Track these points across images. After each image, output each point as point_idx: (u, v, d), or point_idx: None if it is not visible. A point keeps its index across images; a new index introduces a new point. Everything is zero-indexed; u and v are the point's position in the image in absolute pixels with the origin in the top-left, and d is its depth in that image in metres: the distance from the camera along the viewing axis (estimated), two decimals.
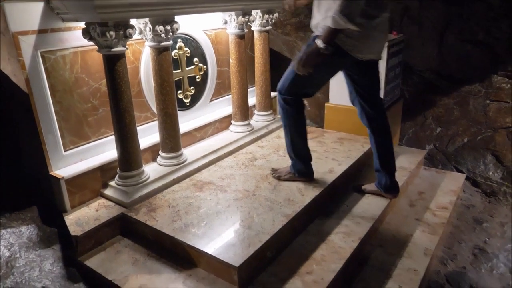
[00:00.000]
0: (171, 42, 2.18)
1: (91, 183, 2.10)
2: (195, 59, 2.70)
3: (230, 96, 2.94)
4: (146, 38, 2.13)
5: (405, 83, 3.58)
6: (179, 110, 2.60)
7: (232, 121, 2.90)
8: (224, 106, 3.02)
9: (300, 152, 2.20)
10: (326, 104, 3.10)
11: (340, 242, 1.93)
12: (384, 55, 2.67)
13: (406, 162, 2.80)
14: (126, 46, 1.93)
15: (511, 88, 3.22)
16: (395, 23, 3.62)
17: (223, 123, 2.91)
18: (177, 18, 2.17)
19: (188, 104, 2.72)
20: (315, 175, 2.31)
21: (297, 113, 2.09)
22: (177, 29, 2.21)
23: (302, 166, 2.22)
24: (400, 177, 2.59)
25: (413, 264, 1.97)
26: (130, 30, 1.91)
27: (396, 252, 2.06)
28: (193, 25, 2.64)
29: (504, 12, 3.29)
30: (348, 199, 2.32)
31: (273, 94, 3.13)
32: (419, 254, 2.04)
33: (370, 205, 2.27)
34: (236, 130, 2.86)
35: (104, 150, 2.23)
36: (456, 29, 3.47)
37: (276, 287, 1.63)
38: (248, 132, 2.84)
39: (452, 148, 3.23)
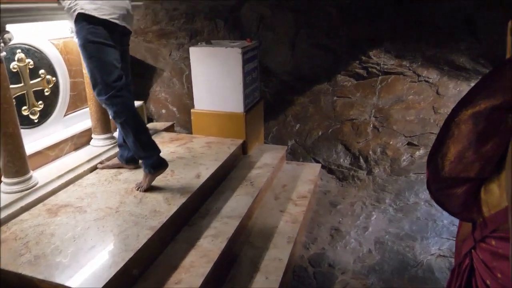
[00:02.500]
0: (4, 53, 1.94)
1: None
2: (41, 71, 2.46)
3: (88, 108, 2.75)
4: None
5: (266, 85, 3.84)
6: (25, 129, 2.34)
7: (92, 135, 2.72)
8: (82, 120, 2.81)
9: (149, 142, 2.13)
10: (192, 110, 3.14)
11: (209, 245, 1.98)
12: (240, 61, 2.84)
13: (270, 158, 3.02)
14: None
15: (352, 85, 3.73)
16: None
17: (83, 138, 2.71)
18: (12, 27, 1.96)
19: (36, 120, 2.45)
20: (183, 182, 2.32)
21: (128, 101, 2.06)
22: (10, 40, 1.98)
23: (155, 157, 2.14)
24: (265, 173, 2.79)
25: (278, 253, 2.13)
26: None
27: (263, 245, 2.20)
28: (35, 34, 2.40)
29: (341, 21, 3.80)
30: (218, 200, 2.40)
31: (136, 103, 3.03)
32: (283, 243, 2.22)
33: (238, 203, 2.38)
34: (97, 144, 2.69)
35: None
36: (305, 35, 3.87)
37: None
38: (111, 145, 2.70)
39: (310, 142, 3.60)
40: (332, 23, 3.81)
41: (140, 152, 2.13)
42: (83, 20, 1.95)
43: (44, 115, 2.52)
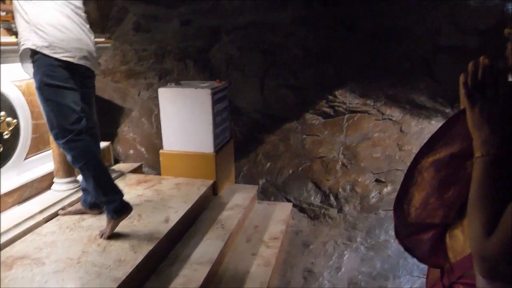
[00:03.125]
0: None
1: None
2: (1, 113, 2.36)
3: (51, 150, 2.64)
4: None
5: (237, 124, 3.87)
6: None
7: (54, 179, 2.60)
8: (44, 163, 2.70)
9: (110, 186, 2.04)
10: (161, 151, 3.09)
11: None
12: (209, 102, 2.85)
13: (241, 198, 2.98)
14: None
15: (320, 123, 3.82)
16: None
17: (44, 182, 2.59)
18: None
19: None
20: (151, 227, 2.23)
21: (87, 145, 1.99)
22: None
23: (117, 202, 2.03)
24: (236, 214, 2.74)
25: None
26: None
27: None
28: None
29: (307, 62, 3.94)
30: (188, 246, 2.31)
31: (102, 144, 2.95)
32: None
33: (208, 248, 2.30)
34: (59, 189, 2.56)
35: None
36: (273, 75, 3.97)
37: None
38: (74, 189, 2.58)
39: (280, 180, 3.61)
40: (299, 64, 3.95)
41: (101, 197, 2.04)
42: (39, 60, 1.89)
43: (3, 159, 2.39)
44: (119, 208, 2.05)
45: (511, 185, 0.80)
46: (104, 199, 2.04)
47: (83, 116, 2.01)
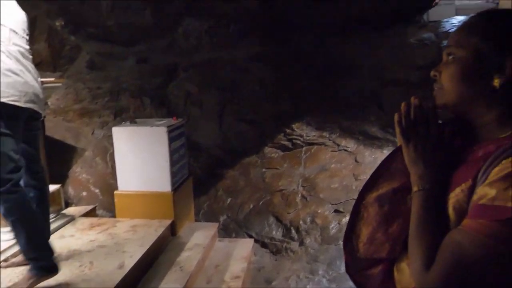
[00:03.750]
0: None
1: None
2: None
3: None
4: None
5: (196, 160, 3.83)
6: None
7: None
8: None
9: (43, 244, 1.89)
10: (115, 192, 2.97)
11: None
12: (165, 139, 2.82)
13: (201, 237, 2.90)
14: None
15: (279, 156, 3.87)
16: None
17: None
18: None
19: None
20: (103, 274, 2.10)
21: (23, 198, 1.85)
22: None
23: (47, 260, 1.88)
24: (195, 255, 2.65)
25: None
26: None
27: None
28: None
29: (265, 97, 4.04)
30: None
31: (52, 187, 2.80)
32: None
33: None
34: (2, 239, 2.37)
35: None
36: (232, 110, 4.03)
37: None
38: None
39: (242, 216, 3.57)
40: (257, 98, 4.04)
41: (30, 253, 1.86)
42: None
43: None
44: (47, 267, 1.87)
45: (447, 218, 0.84)
46: (33, 255, 1.86)
47: (21, 165, 1.89)
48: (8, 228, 2.41)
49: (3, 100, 1.82)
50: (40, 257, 1.86)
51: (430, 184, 0.87)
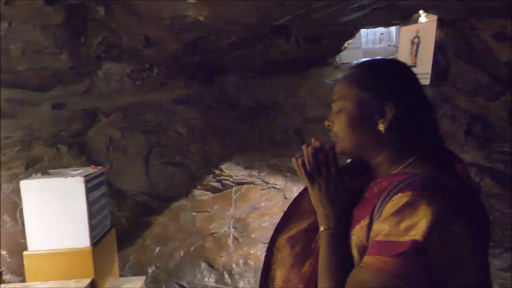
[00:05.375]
0: None
1: None
2: None
3: None
4: None
5: (120, 209, 3.61)
6: None
7: None
8: None
9: None
10: (24, 253, 2.65)
11: None
12: (82, 190, 2.62)
13: None
14: None
15: (209, 198, 3.80)
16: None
17: None
18: None
19: None
20: None
21: None
22: None
23: None
24: None
25: None
26: None
27: None
28: None
29: (192, 139, 4.01)
30: None
31: None
32: None
33: None
34: None
35: None
36: (158, 154, 3.91)
37: None
38: None
39: (172, 264, 3.38)
40: (184, 141, 3.99)
41: None
42: None
43: None
44: None
45: (351, 256, 0.86)
46: None
47: None
48: None
49: None
50: None
51: (334, 223, 0.89)
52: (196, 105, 4.11)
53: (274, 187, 3.73)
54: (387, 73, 0.89)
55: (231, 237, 3.49)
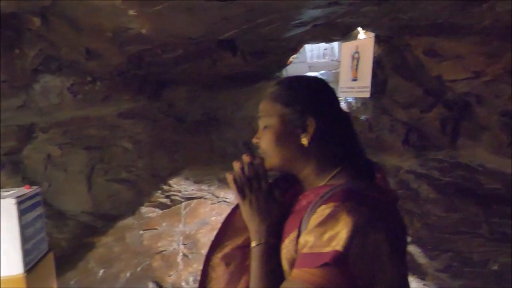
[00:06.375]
0: None
1: None
2: None
3: None
4: None
5: (60, 231, 3.40)
6: None
7: None
8: None
9: None
10: None
11: None
12: (14, 213, 2.43)
13: None
14: None
15: (158, 215, 3.68)
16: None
17: None
18: None
19: None
20: None
21: None
22: None
23: None
24: None
25: None
26: None
27: None
28: None
29: (138, 154, 3.87)
30: None
31: None
32: None
33: None
34: None
35: None
36: (102, 171, 3.74)
37: None
38: None
39: (118, 287, 3.22)
40: (129, 156, 3.85)
41: None
42: None
43: None
44: None
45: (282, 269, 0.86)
46: None
47: None
48: None
49: None
50: None
51: (266, 238, 0.89)
52: (143, 119, 3.99)
53: (225, 201, 3.69)
54: (306, 89, 0.92)
55: (181, 254, 3.40)
